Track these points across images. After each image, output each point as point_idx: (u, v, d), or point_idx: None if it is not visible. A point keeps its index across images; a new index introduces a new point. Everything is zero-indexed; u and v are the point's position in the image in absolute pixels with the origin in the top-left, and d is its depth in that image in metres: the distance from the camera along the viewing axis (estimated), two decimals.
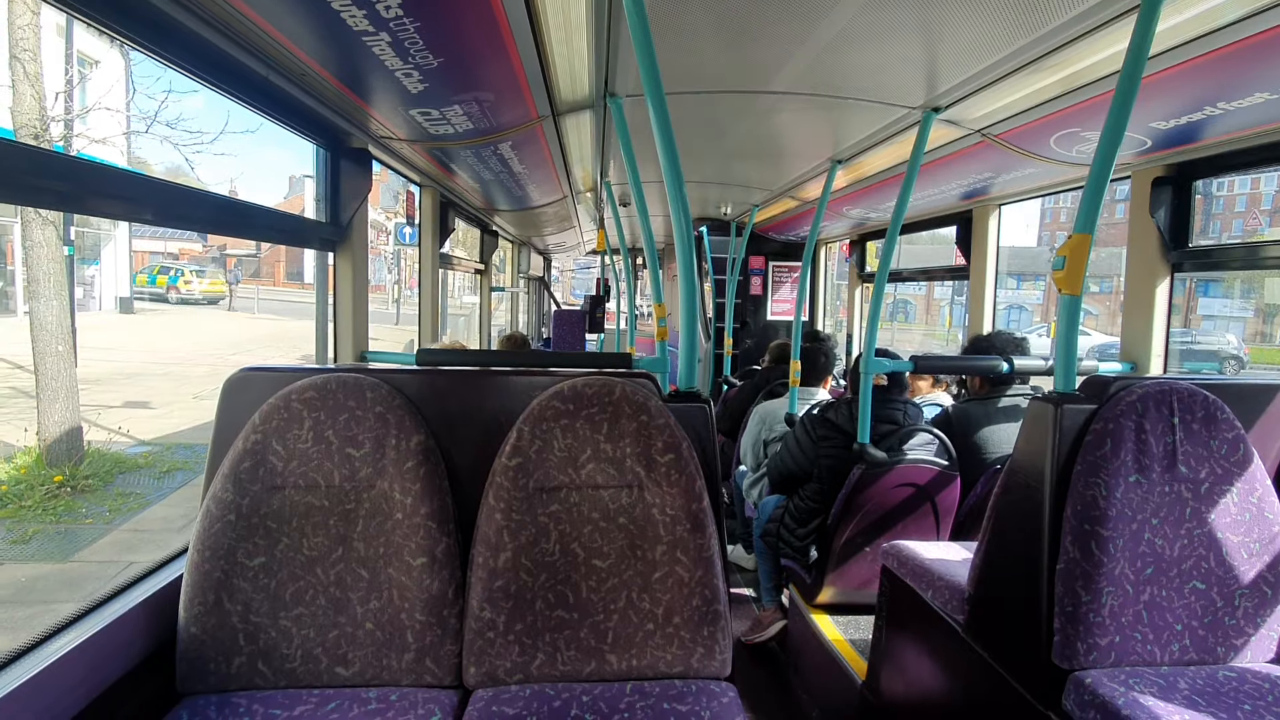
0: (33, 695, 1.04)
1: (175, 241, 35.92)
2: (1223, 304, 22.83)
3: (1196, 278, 20.26)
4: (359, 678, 1.34)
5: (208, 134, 13.17)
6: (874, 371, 2.41)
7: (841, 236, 5.17)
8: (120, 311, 17.62)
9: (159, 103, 12.17)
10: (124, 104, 7.13)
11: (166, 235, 35.84)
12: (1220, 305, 22.85)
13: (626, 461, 1.42)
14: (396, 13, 1.31)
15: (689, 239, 1.62)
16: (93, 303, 17.54)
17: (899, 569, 2.01)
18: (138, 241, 36.85)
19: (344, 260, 2.21)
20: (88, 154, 6.79)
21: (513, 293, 8.31)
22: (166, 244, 36.12)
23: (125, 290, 18.11)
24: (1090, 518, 1.39)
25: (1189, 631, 1.43)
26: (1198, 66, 1.55)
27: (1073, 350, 1.54)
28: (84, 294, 17.16)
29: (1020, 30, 1.57)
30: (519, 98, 1.97)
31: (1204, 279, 21.82)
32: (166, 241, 35.95)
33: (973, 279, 3.34)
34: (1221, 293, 22.83)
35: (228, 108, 11.38)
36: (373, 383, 1.44)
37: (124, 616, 1.25)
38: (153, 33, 1.31)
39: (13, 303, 13.31)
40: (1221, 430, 1.48)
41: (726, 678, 1.40)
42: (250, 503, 1.35)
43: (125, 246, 18.42)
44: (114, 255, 17.93)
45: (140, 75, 34.43)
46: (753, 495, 3.39)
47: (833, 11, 1.58)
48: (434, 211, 3.29)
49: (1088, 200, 1.49)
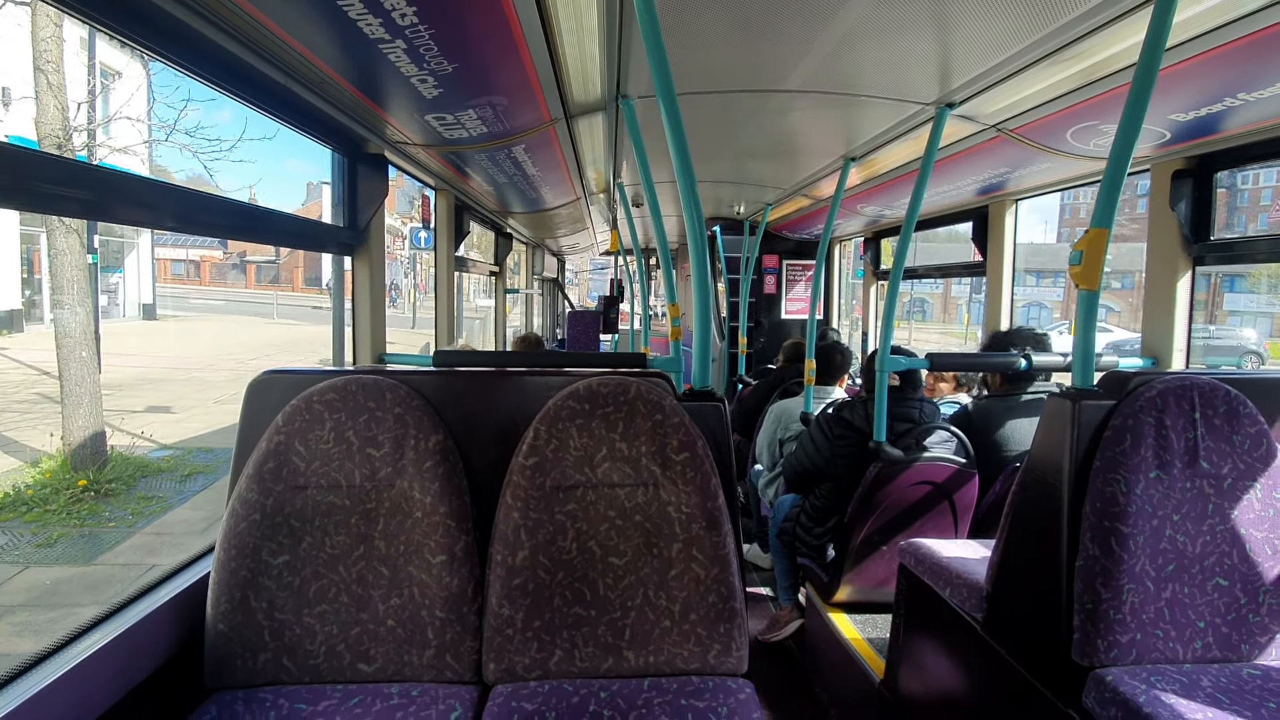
0: (65, 691, 1.07)
1: (197, 249, 35.86)
2: (1249, 299, 22.38)
3: (1222, 272, 19.89)
4: (381, 673, 1.36)
5: (226, 141, 13.32)
6: (890, 369, 2.40)
7: (855, 234, 5.15)
8: (144, 318, 17.77)
9: (179, 112, 12.36)
10: (145, 113, 7.24)
11: (187, 243, 35.77)
12: (1246, 301, 22.40)
13: (642, 460, 1.43)
14: (412, 20, 1.33)
15: (702, 239, 1.63)
16: (116, 310, 17.68)
17: (916, 567, 2.00)
18: (159, 249, 36.75)
19: (361, 264, 2.24)
20: (109, 163, 6.90)
21: (527, 294, 8.35)
22: (188, 252, 36.06)
23: (149, 297, 18.18)
24: (1110, 514, 1.38)
25: (1212, 629, 1.41)
26: (1217, 57, 1.53)
27: (1090, 346, 1.53)
28: (108, 301, 17.25)
29: (1035, 23, 1.56)
30: (532, 101, 1.99)
31: (1230, 273, 21.40)
32: (188, 249, 35.90)
33: (990, 275, 3.31)
34: (1247, 288, 22.38)
35: (245, 115, 11.53)
36: (391, 384, 1.46)
37: (153, 614, 1.28)
38: (174, 44, 1.34)
39: (40, 310, 13.55)
40: (1244, 425, 1.45)
41: (744, 675, 1.41)
42: (274, 502, 1.37)
43: (148, 254, 18.49)
44: (137, 263, 18.10)
45: (160, 85, 34.69)
46: (769, 494, 3.38)
47: (844, 8, 1.58)
48: (449, 215, 3.32)
49: (1105, 194, 1.47)
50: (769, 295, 5.96)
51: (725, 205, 4.90)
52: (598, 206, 4.60)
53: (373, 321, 2.27)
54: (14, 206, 1.06)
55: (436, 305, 3.44)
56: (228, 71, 1.51)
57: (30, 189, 1.04)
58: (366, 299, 2.26)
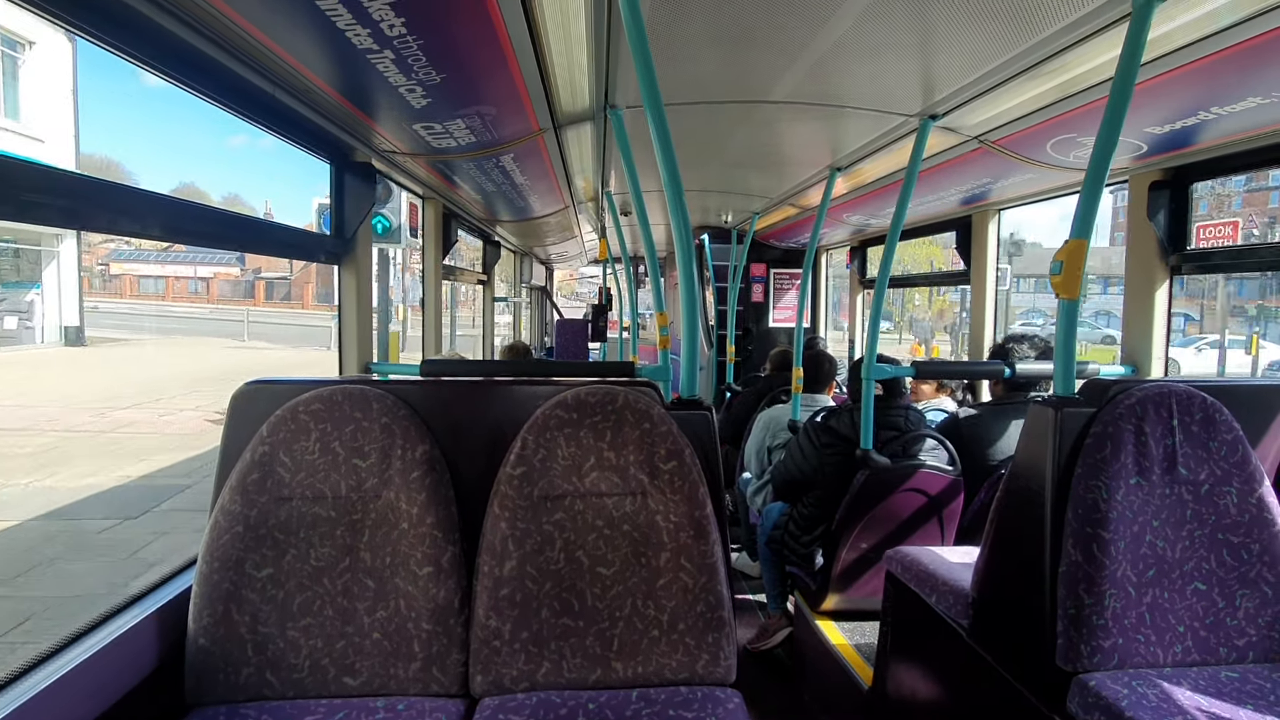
0: (43, 707, 1.05)
1: (209, 266, 32.90)
2: None
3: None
4: (366, 687, 1.35)
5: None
6: (875, 377, 2.42)
7: (842, 243, 5.19)
8: (67, 343, 14.72)
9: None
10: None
11: (198, 260, 32.93)
12: None
13: (630, 469, 1.43)
14: (400, 31, 1.34)
15: (689, 248, 1.64)
16: (30, 334, 14.73)
17: (903, 574, 2.01)
18: (171, 266, 34.01)
19: (349, 273, 2.24)
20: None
21: (515, 303, 8.34)
22: (197, 269, 32.82)
23: (73, 318, 15.15)
24: (1092, 520, 1.40)
25: (1191, 633, 1.43)
26: (1190, 73, 1.57)
27: (1071, 353, 1.55)
28: (18, 324, 14.32)
29: (1015, 38, 1.60)
30: (520, 111, 2.00)
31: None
32: (197, 266, 32.65)
33: (974, 284, 3.35)
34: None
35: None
36: (378, 394, 1.45)
37: (134, 628, 1.26)
38: (161, 52, 1.33)
39: None
40: (1220, 432, 1.48)
41: (732, 684, 1.41)
42: (258, 514, 1.36)
43: (73, 265, 15.20)
44: (58, 276, 14.90)
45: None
46: (757, 502, 3.39)
47: (829, 22, 1.61)
48: (436, 223, 3.32)
49: (1084, 205, 1.50)
50: (757, 304, 5.99)
51: (713, 214, 4.93)
52: (586, 215, 4.61)
53: (359, 330, 2.26)
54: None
55: (424, 314, 3.43)
56: (215, 80, 1.51)
57: (11, 197, 1.03)
58: (353, 308, 2.25)
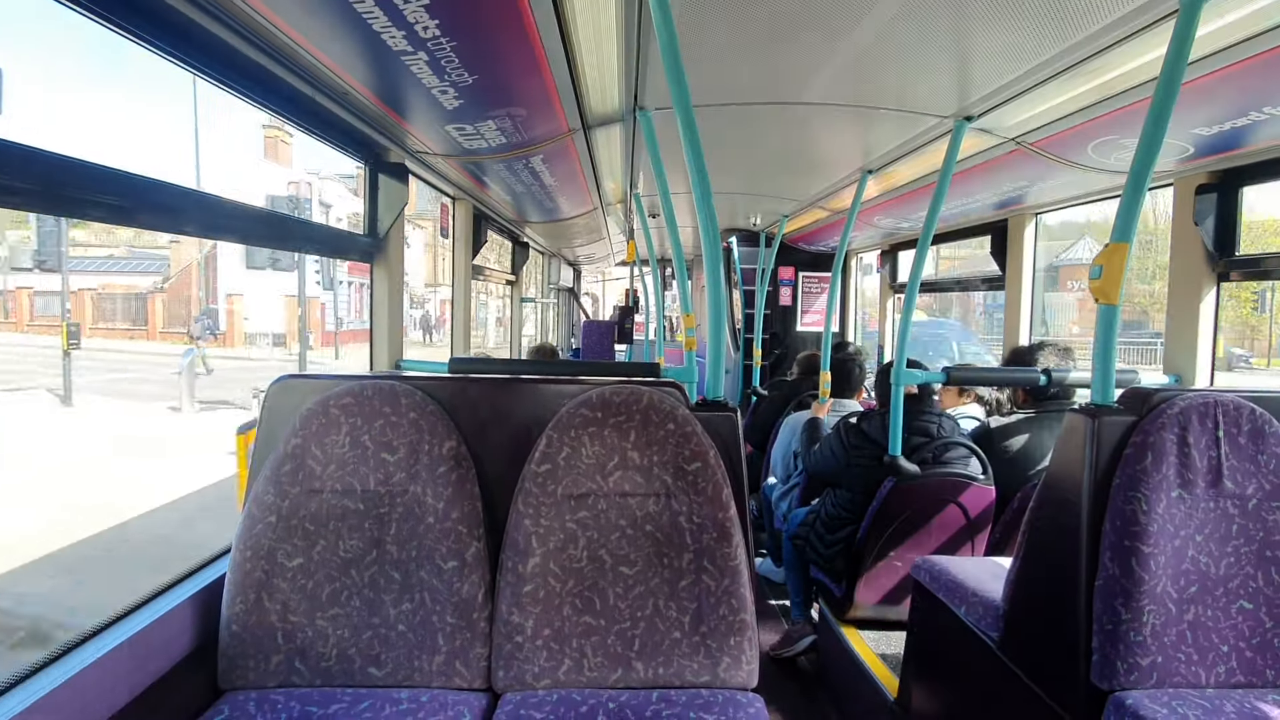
0: (81, 688, 1.09)
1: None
2: None
3: None
4: (391, 678, 1.37)
5: None
6: (905, 382, 2.38)
7: (872, 247, 5.12)
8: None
9: None
10: None
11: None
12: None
13: (654, 469, 1.43)
14: (434, 33, 1.36)
15: (717, 250, 1.63)
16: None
17: (931, 584, 1.97)
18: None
19: (380, 271, 2.28)
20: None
21: (542, 304, 8.39)
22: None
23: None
24: (1130, 533, 1.35)
25: (1236, 653, 1.37)
26: (1241, 71, 1.51)
27: (1110, 361, 1.51)
28: None
29: (1055, 38, 1.56)
30: (550, 112, 2.01)
31: None
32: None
33: (1009, 290, 3.28)
34: None
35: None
36: (407, 390, 1.47)
37: (170, 613, 1.30)
38: (206, 56, 1.37)
39: None
40: (1270, 445, 1.42)
41: (754, 689, 1.39)
42: (290, 505, 1.39)
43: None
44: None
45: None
46: (783, 507, 3.36)
47: (863, 21, 1.59)
48: (467, 224, 3.37)
49: (1125, 209, 1.46)
50: (785, 307, 5.94)
51: (741, 217, 4.91)
52: (614, 217, 4.62)
53: (390, 327, 2.30)
54: (42, 210, 1.08)
55: (453, 313, 3.48)
56: (258, 83, 1.55)
57: (57, 194, 1.07)
58: (385, 305, 2.29)
